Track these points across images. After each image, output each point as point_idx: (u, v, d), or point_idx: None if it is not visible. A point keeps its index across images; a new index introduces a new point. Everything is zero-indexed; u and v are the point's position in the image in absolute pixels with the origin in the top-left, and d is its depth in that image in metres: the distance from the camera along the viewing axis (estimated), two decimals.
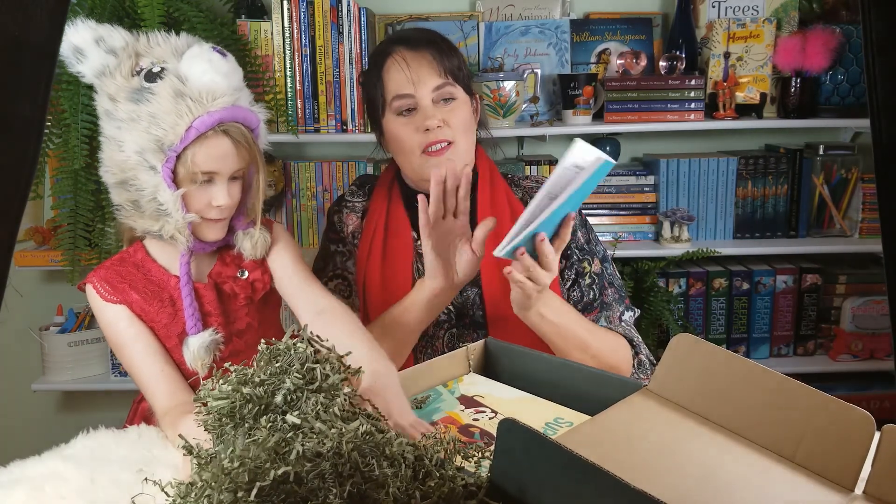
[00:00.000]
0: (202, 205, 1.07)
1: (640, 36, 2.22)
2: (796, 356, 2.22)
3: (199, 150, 1.03)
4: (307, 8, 1.99)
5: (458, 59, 1.33)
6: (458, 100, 1.30)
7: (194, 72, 1.02)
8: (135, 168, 1.03)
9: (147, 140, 1.01)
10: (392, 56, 1.30)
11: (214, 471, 0.61)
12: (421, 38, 1.31)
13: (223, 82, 1.04)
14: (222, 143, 1.05)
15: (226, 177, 1.08)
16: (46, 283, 2.34)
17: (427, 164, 1.29)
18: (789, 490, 0.66)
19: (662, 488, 0.55)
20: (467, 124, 1.32)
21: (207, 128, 1.03)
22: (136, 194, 1.05)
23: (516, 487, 0.62)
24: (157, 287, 1.13)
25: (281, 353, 0.76)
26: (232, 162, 1.07)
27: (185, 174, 1.04)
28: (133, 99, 1.02)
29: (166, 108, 1.01)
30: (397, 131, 1.29)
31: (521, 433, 0.62)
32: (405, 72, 1.28)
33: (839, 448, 0.67)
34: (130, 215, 1.08)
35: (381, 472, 0.60)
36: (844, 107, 2.12)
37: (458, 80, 1.31)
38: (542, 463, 0.60)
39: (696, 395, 0.77)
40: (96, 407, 2.39)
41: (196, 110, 1.02)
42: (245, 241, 1.15)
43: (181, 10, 1.83)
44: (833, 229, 2.19)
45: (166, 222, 1.05)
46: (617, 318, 1.35)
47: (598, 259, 1.38)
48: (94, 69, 1.04)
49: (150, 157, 1.02)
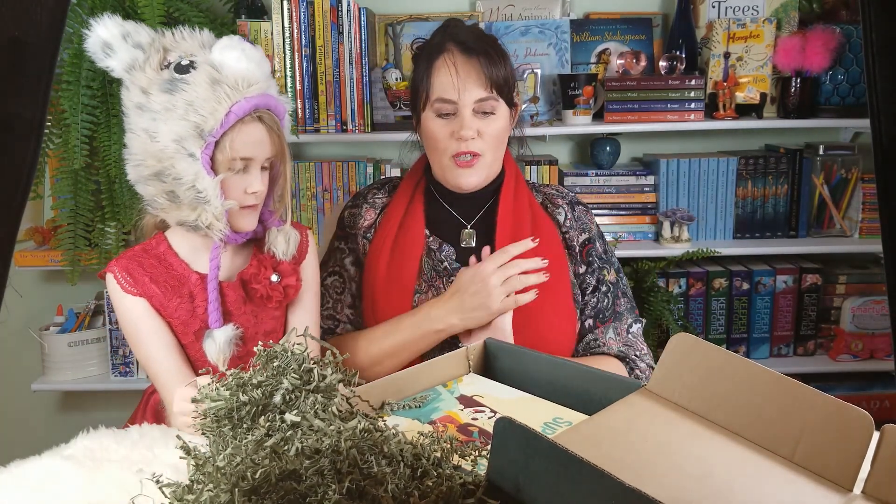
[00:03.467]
0: (238, 192, 1.09)
1: (640, 36, 2.22)
2: (796, 356, 2.22)
3: (236, 136, 1.06)
4: (307, 8, 1.99)
5: (506, 69, 1.33)
6: (497, 114, 1.32)
7: (229, 60, 1.05)
8: (172, 157, 1.04)
9: (185, 127, 1.03)
10: (444, 56, 1.31)
11: (211, 470, 0.61)
12: (475, 44, 1.31)
13: (256, 70, 1.07)
14: (257, 129, 1.08)
15: (259, 164, 1.11)
16: (46, 283, 2.34)
17: (454, 170, 1.32)
18: (787, 490, 0.66)
19: (660, 487, 0.55)
20: (500, 137, 1.34)
21: (245, 113, 1.05)
22: (172, 184, 1.06)
23: (512, 485, 0.62)
24: (178, 282, 1.13)
25: (278, 354, 0.76)
26: (266, 148, 1.10)
27: (223, 160, 1.06)
28: (167, 90, 1.03)
29: (203, 95, 1.03)
30: (434, 130, 1.31)
31: (517, 431, 0.62)
32: (452, 77, 1.28)
33: (838, 447, 0.67)
34: (164, 207, 1.09)
35: (380, 470, 0.60)
36: (844, 107, 2.12)
37: (501, 93, 1.32)
38: (537, 461, 0.60)
39: (694, 395, 0.77)
40: (96, 407, 2.39)
41: (233, 96, 1.04)
42: (279, 239, 1.17)
43: (181, 10, 1.83)
44: (833, 229, 2.19)
45: (204, 210, 1.06)
46: (625, 329, 1.37)
47: (614, 269, 1.41)
48: (124, 63, 1.05)
49: (188, 144, 1.03)
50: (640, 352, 1.36)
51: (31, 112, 0.47)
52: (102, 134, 1.82)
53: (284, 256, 1.18)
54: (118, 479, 0.86)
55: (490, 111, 1.31)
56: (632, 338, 1.37)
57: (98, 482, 0.85)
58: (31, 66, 0.47)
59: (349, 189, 2.13)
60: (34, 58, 0.47)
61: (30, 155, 0.47)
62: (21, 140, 0.47)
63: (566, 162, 2.37)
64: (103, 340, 2.15)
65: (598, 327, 1.37)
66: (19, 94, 0.46)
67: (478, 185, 1.35)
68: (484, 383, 1.10)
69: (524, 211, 1.37)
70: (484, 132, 1.30)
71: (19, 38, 0.45)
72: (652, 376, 0.81)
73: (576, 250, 1.39)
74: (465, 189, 1.34)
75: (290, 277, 1.18)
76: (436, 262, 1.35)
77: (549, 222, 1.39)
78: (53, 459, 0.90)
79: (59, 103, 1.78)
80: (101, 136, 1.82)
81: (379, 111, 2.07)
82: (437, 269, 1.35)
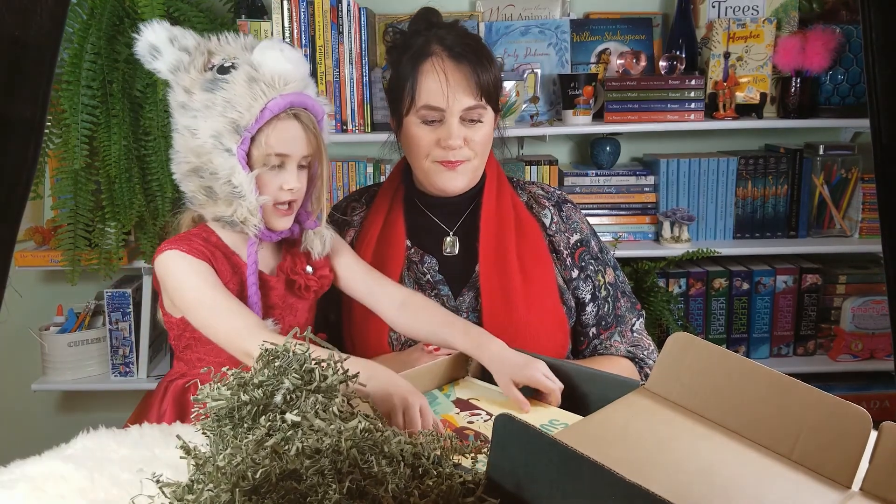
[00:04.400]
0: (274, 188, 1.11)
1: (640, 36, 2.22)
2: (796, 356, 2.22)
3: (272, 132, 1.09)
4: (307, 8, 1.99)
5: (494, 73, 1.30)
6: (484, 121, 1.29)
7: (267, 59, 1.08)
8: (210, 152, 1.07)
9: (223, 123, 1.06)
10: (432, 59, 1.26)
11: (211, 470, 0.61)
12: (464, 48, 1.27)
13: (293, 69, 1.10)
14: (293, 126, 1.10)
15: (296, 161, 1.12)
16: (46, 283, 2.34)
17: (439, 173, 1.28)
18: (786, 487, 0.66)
19: (658, 485, 0.55)
20: (486, 143, 1.31)
21: (280, 109, 1.08)
22: (209, 180, 1.09)
23: (512, 483, 0.62)
24: (232, 269, 1.15)
25: (280, 354, 0.76)
26: (302, 146, 1.12)
27: (258, 156, 1.09)
28: (208, 89, 1.07)
29: (241, 92, 1.06)
30: (417, 136, 1.27)
31: (517, 428, 0.62)
32: (441, 85, 1.24)
33: (836, 445, 0.67)
34: (203, 203, 1.12)
35: (380, 470, 0.60)
36: (844, 107, 2.12)
37: (489, 100, 1.28)
38: (537, 458, 0.60)
39: (692, 394, 0.77)
40: (96, 407, 2.39)
41: (269, 93, 1.07)
42: (315, 241, 1.20)
43: (181, 10, 1.83)
44: (833, 229, 2.19)
45: (239, 205, 1.09)
46: (629, 330, 1.35)
47: (611, 268, 1.38)
48: (169, 65, 1.09)
49: (225, 139, 1.07)
50: (647, 349, 1.34)
51: (31, 112, 0.47)
52: (102, 134, 1.82)
53: (319, 256, 1.21)
54: (118, 479, 0.86)
55: (477, 119, 1.27)
56: (637, 336, 1.35)
57: (98, 482, 0.85)
58: (31, 66, 0.47)
59: (349, 189, 2.13)
60: (34, 58, 0.47)
61: (30, 155, 0.47)
62: (21, 140, 0.47)
63: (566, 162, 2.37)
64: (103, 340, 2.15)
65: (602, 333, 1.35)
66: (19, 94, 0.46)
67: (463, 189, 1.31)
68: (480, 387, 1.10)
69: (507, 214, 1.33)
70: (471, 139, 1.27)
71: (19, 38, 0.45)
72: (651, 375, 0.81)
73: (564, 255, 1.34)
74: (449, 192, 1.30)
75: (324, 269, 1.22)
76: (418, 275, 1.32)
77: (533, 224, 1.35)
78: (53, 459, 0.90)
79: (59, 103, 1.78)
80: (101, 136, 1.82)
81: (379, 111, 2.07)
82: (420, 282, 1.32)
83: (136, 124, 1.84)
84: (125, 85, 1.81)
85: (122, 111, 1.81)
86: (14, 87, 0.46)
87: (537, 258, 1.30)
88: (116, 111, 1.81)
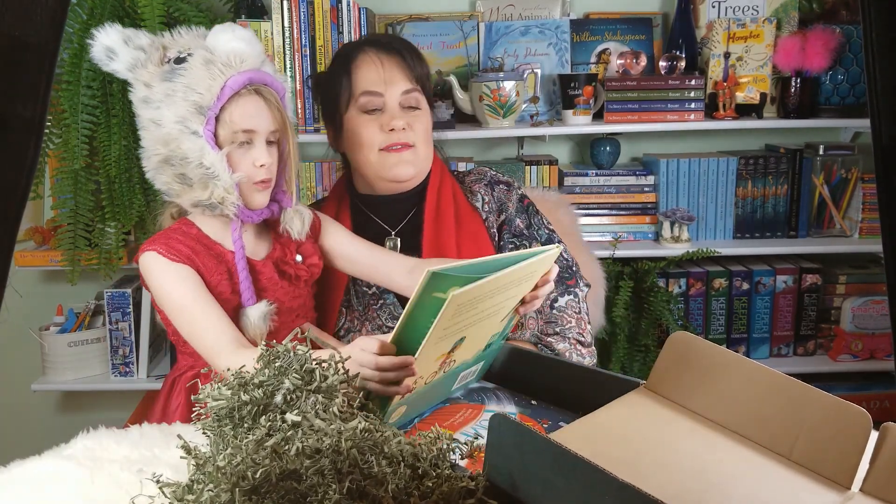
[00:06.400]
0: (247, 166, 1.12)
1: (640, 36, 2.22)
2: (796, 356, 2.22)
3: (234, 109, 1.10)
4: (307, 8, 1.99)
5: (425, 69, 1.34)
6: (422, 110, 1.32)
7: (220, 41, 1.11)
8: (177, 138, 1.09)
9: (185, 107, 1.08)
10: (365, 53, 1.30)
11: (211, 470, 0.61)
12: (393, 43, 1.32)
13: (247, 47, 1.12)
14: (255, 101, 1.12)
15: (263, 137, 1.14)
16: (46, 283, 2.34)
17: (386, 161, 1.29)
18: (785, 487, 0.66)
19: (656, 485, 0.55)
20: (428, 133, 1.33)
21: (240, 86, 1.10)
22: (181, 166, 1.10)
23: (508, 482, 0.62)
24: (217, 259, 1.16)
25: (280, 354, 0.76)
26: (267, 121, 1.13)
27: (225, 135, 1.11)
28: (167, 79, 1.09)
29: (199, 75, 1.08)
30: (359, 128, 1.29)
31: (511, 428, 0.62)
32: (378, 70, 1.28)
33: (835, 445, 0.67)
34: (178, 192, 1.13)
35: (380, 470, 0.60)
36: (844, 107, 2.12)
37: (424, 90, 1.32)
38: (531, 457, 0.60)
39: (692, 393, 0.77)
40: (96, 407, 2.39)
41: (227, 72, 1.09)
42: (294, 219, 1.21)
43: (181, 10, 1.83)
44: (833, 229, 2.19)
45: (215, 186, 1.10)
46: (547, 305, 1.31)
47: (540, 242, 1.36)
48: (126, 64, 1.11)
49: (190, 122, 1.08)
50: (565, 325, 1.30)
51: (31, 112, 0.47)
52: (102, 134, 1.82)
53: (300, 236, 1.21)
54: (118, 479, 0.86)
55: (415, 105, 1.30)
56: (556, 313, 1.31)
57: (98, 482, 0.85)
58: (31, 66, 0.47)
59: None
60: (34, 58, 0.47)
61: (30, 155, 0.47)
62: (21, 140, 0.47)
63: (566, 162, 2.37)
64: (103, 340, 2.15)
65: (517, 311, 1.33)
66: (19, 94, 0.46)
67: (413, 178, 1.31)
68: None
69: (447, 208, 1.33)
70: (413, 125, 1.28)
71: (19, 37, 0.45)
72: (650, 375, 0.81)
73: (494, 236, 1.34)
74: (401, 181, 1.30)
75: (312, 257, 1.23)
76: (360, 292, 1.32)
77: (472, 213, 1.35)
78: (53, 459, 0.90)
79: (59, 103, 1.78)
80: (101, 136, 1.82)
81: None
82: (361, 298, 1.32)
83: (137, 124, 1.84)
84: (125, 85, 1.80)
85: (122, 111, 1.81)
86: (14, 87, 0.46)
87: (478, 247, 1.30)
88: (116, 111, 1.81)
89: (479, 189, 1.38)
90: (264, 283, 1.18)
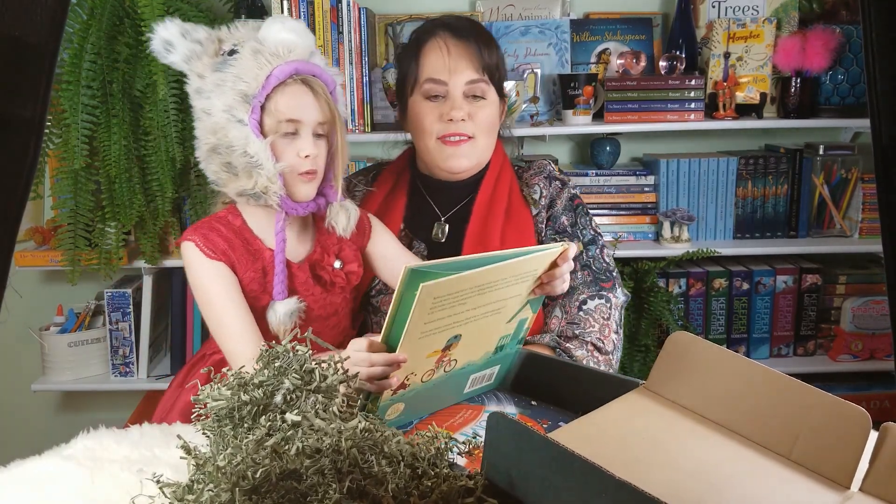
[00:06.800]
0: (291, 156, 1.12)
1: (640, 36, 2.22)
2: (796, 356, 2.22)
3: (280, 98, 1.11)
4: (307, 8, 1.99)
5: (497, 57, 1.31)
6: (488, 99, 1.29)
7: (270, 32, 1.12)
8: (224, 127, 1.10)
9: (232, 96, 1.09)
10: (435, 38, 1.29)
11: (211, 469, 0.61)
12: (467, 28, 1.30)
13: (296, 38, 1.13)
14: (302, 91, 1.12)
15: (310, 128, 1.13)
16: (46, 283, 2.34)
17: (442, 151, 1.28)
18: (785, 487, 0.66)
19: (655, 484, 0.55)
20: (491, 124, 1.31)
21: (286, 76, 1.11)
22: (227, 155, 1.11)
23: (506, 481, 0.62)
24: (253, 256, 1.16)
25: (280, 355, 0.76)
26: (314, 112, 1.13)
27: (271, 124, 1.11)
28: (218, 69, 1.11)
29: (247, 65, 1.09)
30: (422, 113, 1.28)
31: (509, 427, 0.62)
32: (444, 57, 1.26)
33: (835, 445, 0.67)
34: (225, 181, 1.14)
35: (380, 470, 0.60)
36: (844, 107, 2.12)
37: (492, 80, 1.29)
38: (529, 456, 0.60)
39: (691, 393, 0.77)
40: (96, 407, 2.39)
41: (274, 61, 1.10)
42: (340, 214, 1.19)
43: (181, 10, 1.83)
44: (833, 229, 2.19)
45: (258, 175, 1.10)
46: (576, 307, 1.29)
47: (582, 242, 1.35)
48: (183, 56, 1.12)
49: (237, 111, 1.09)
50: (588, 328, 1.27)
51: (31, 112, 0.47)
52: (102, 134, 1.82)
53: (345, 232, 1.20)
54: (118, 479, 0.86)
55: (481, 95, 1.28)
56: (582, 314, 1.29)
57: (98, 482, 0.85)
58: (31, 66, 0.47)
59: None
60: (34, 58, 0.47)
61: (30, 155, 0.47)
62: (21, 140, 0.47)
63: (566, 162, 2.37)
64: (103, 340, 2.15)
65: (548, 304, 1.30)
66: (19, 94, 0.46)
67: (469, 170, 1.31)
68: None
69: (500, 202, 1.33)
70: (475, 115, 1.27)
71: (19, 37, 0.45)
72: (650, 375, 0.81)
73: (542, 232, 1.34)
74: (455, 172, 1.30)
75: (352, 264, 1.22)
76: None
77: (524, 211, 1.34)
78: (54, 459, 0.90)
79: (59, 103, 1.78)
80: (101, 136, 1.82)
81: (379, 111, 2.07)
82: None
83: (136, 124, 1.84)
84: (125, 85, 1.81)
85: (122, 111, 1.81)
86: (14, 87, 0.46)
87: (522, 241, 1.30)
88: (116, 111, 1.81)
89: (539, 182, 1.38)
90: (297, 286, 1.18)
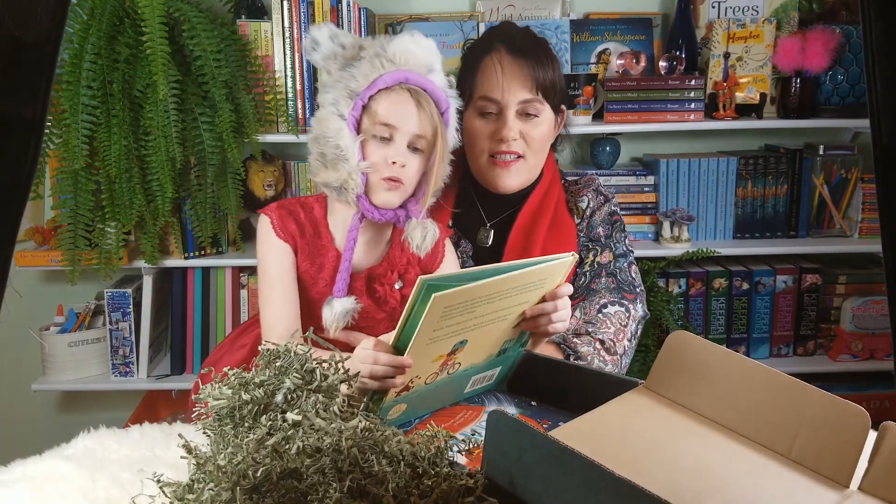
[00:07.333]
0: (379, 160, 1.14)
1: (640, 36, 2.22)
2: (796, 356, 2.22)
3: (382, 101, 1.13)
4: (307, 8, 1.99)
5: (554, 72, 1.31)
6: (541, 118, 1.29)
7: (396, 41, 1.15)
8: (327, 118, 1.14)
9: (342, 91, 1.13)
10: (491, 54, 1.29)
11: (212, 469, 0.61)
12: (525, 44, 1.29)
13: (418, 50, 1.15)
14: (404, 99, 1.13)
15: (405, 137, 1.14)
16: (46, 283, 2.34)
17: (492, 170, 1.30)
18: (784, 486, 0.66)
19: (655, 483, 0.56)
20: (544, 141, 1.32)
21: (394, 82, 1.13)
22: (323, 145, 1.15)
23: (506, 478, 0.62)
24: (317, 250, 1.19)
25: (281, 354, 0.76)
26: (412, 122, 1.14)
27: (368, 125, 1.14)
28: (343, 67, 1.14)
29: (364, 67, 1.13)
30: (474, 129, 1.30)
31: (509, 425, 0.62)
32: (497, 77, 1.27)
33: (834, 444, 0.67)
34: (316, 170, 1.18)
35: (381, 469, 0.60)
36: (844, 107, 2.12)
37: (547, 97, 1.29)
38: (529, 453, 0.60)
39: (691, 392, 0.77)
40: (96, 407, 2.39)
41: (387, 66, 1.13)
42: (417, 230, 1.19)
43: (181, 11, 1.83)
44: (833, 229, 2.19)
45: (342, 168, 1.13)
46: (595, 308, 1.31)
47: (612, 252, 1.37)
48: (323, 55, 1.17)
49: (340, 105, 1.13)
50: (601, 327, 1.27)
51: (31, 112, 0.47)
52: (102, 134, 1.82)
53: (418, 250, 1.20)
54: (119, 478, 0.86)
55: (534, 113, 1.28)
56: (601, 317, 1.30)
57: (99, 482, 0.85)
58: (31, 66, 0.47)
59: None
60: (34, 58, 0.47)
61: (30, 155, 0.47)
62: (21, 140, 0.47)
63: (566, 162, 2.37)
64: (103, 340, 2.15)
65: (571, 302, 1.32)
66: (19, 94, 0.46)
67: (516, 188, 1.32)
68: None
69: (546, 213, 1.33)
70: (527, 134, 1.28)
71: (19, 37, 0.45)
72: (650, 374, 0.81)
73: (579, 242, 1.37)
74: (503, 191, 1.31)
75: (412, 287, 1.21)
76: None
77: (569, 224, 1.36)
78: (54, 459, 0.90)
79: (59, 103, 1.77)
80: (101, 136, 1.82)
81: None
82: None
83: (136, 124, 1.84)
84: (125, 85, 1.81)
85: (122, 111, 1.81)
86: (14, 87, 0.46)
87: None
88: (116, 111, 1.81)
89: (587, 194, 1.41)
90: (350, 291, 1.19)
